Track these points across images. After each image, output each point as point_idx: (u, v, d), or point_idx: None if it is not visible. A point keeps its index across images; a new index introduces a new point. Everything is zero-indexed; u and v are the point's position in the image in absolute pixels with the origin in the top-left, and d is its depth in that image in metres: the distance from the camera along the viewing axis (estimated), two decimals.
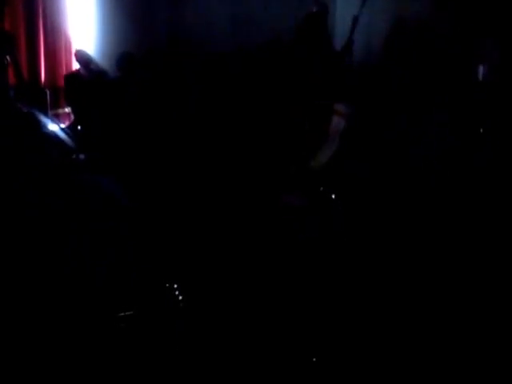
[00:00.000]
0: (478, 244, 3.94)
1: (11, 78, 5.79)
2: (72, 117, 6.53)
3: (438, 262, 3.76)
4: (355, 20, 7.74)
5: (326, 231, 4.14)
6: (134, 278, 3.45)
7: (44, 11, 6.88)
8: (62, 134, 5.49)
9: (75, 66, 6.73)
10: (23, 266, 3.48)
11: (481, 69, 7.54)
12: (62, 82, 6.71)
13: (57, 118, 6.37)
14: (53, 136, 5.44)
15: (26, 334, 3.00)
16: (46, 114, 5.95)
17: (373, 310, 3.30)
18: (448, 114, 5.73)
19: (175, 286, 3.34)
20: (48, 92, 6.59)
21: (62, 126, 6.12)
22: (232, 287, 3.47)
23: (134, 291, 3.34)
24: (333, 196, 4.71)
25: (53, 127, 5.58)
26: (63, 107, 6.72)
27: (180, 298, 3.28)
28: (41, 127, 5.44)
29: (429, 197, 4.59)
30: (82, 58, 6.35)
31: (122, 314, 3.09)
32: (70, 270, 3.43)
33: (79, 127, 6.20)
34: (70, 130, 5.78)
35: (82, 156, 5.49)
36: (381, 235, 4.07)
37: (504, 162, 4.80)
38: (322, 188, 4.82)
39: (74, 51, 6.75)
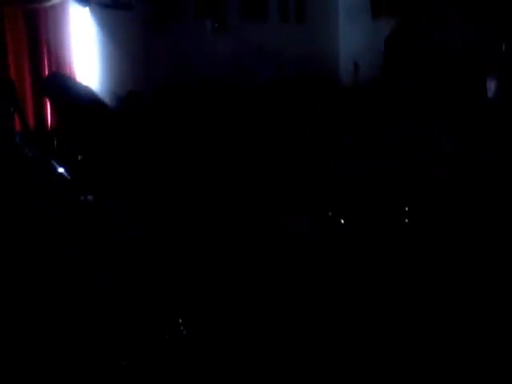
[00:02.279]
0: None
1: (17, 125, 5.86)
2: (79, 158, 6.55)
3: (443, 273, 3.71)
4: (356, 66, 7.96)
5: (333, 254, 4.12)
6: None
7: (49, 55, 6.99)
8: (69, 176, 5.50)
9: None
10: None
11: (491, 85, 7.48)
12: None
13: (64, 161, 6.39)
14: (61, 179, 5.46)
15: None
16: (53, 157, 5.97)
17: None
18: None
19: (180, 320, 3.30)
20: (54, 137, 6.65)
21: (69, 167, 6.13)
22: (234, 302, 3.47)
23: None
24: (342, 221, 4.70)
25: (60, 170, 5.60)
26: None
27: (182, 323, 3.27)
28: (48, 171, 5.47)
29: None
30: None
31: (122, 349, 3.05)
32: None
33: (86, 168, 6.21)
34: (77, 172, 5.79)
35: (90, 197, 5.49)
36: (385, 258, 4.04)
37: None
38: (330, 213, 4.82)
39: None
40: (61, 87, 5.09)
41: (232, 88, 7.73)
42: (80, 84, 6.49)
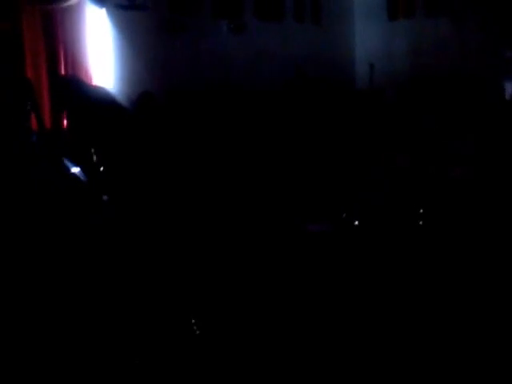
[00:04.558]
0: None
1: (33, 124, 5.88)
2: (94, 158, 6.56)
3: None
4: (372, 67, 7.92)
5: (349, 256, 4.12)
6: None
7: (65, 55, 7.02)
8: (84, 177, 5.52)
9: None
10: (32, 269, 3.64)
11: (508, 87, 7.40)
12: None
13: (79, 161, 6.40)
14: (76, 178, 5.47)
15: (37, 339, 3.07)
16: (67, 157, 5.98)
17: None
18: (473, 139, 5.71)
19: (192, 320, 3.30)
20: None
21: (85, 168, 6.13)
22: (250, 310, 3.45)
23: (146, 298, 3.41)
24: (356, 222, 4.67)
25: (75, 170, 5.61)
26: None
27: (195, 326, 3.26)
28: (64, 170, 5.48)
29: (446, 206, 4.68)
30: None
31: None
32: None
33: (102, 168, 6.21)
34: (92, 172, 5.80)
35: (105, 197, 5.49)
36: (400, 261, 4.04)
37: None
38: (344, 215, 4.81)
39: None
40: (75, 90, 5.09)
41: (247, 89, 7.71)
42: (94, 86, 6.51)
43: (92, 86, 6.73)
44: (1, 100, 5.51)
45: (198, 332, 3.23)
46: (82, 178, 5.58)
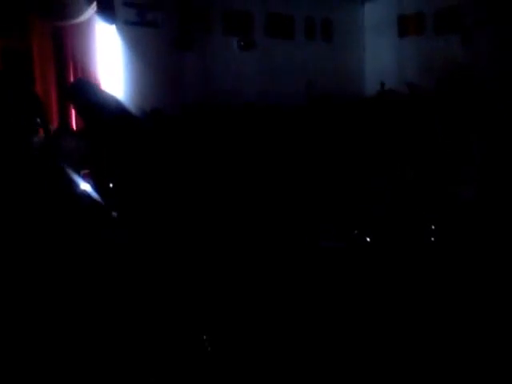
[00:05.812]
0: None
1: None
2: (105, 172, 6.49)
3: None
4: (382, 85, 7.92)
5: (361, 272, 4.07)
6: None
7: (75, 71, 6.99)
8: (93, 193, 5.44)
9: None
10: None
11: None
12: None
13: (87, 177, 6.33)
14: (85, 195, 5.40)
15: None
16: (76, 173, 5.91)
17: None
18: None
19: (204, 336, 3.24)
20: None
21: (94, 184, 6.06)
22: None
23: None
24: (368, 239, 4.70)
25: (84, 186, 5.54)
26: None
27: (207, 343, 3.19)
28: (72, 186, 5.41)
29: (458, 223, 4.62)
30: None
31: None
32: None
33: (111, 184, 6.13)
34: (101, 188, 5.72)
35: (114, 213, 5.41)
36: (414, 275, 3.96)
37: None
38: (356, 231, 4.82)
39: None
40: (87, 91, 5.04)
41: (258, 104, 7.68)
42: (106, 91, 6.45)
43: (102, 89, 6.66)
44: (10, 116, 5.47)
45: (209, 349, 3.15)
46: (92, 194, 5.50)
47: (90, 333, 3.23)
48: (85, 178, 6.06)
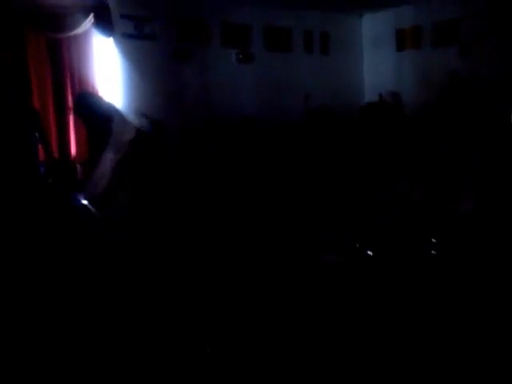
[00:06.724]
0: None
1: (40, 155, 5.69)
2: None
3: None
4: (381, 97, 7.88)
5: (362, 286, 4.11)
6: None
7: (72, 85, 6.87)
8: (93, 210, 5.33)
9: None
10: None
11: None
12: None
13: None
14: (85, 212, 5.29)
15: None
16: (76, 189, 5.81)
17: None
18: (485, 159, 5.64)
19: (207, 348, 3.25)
20: (78, 166, 6.48)
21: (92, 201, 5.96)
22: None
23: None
24: (369, 252, 4.72)
25: (85, 202, 5.43)
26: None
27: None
28: (72, 203, 5.32)
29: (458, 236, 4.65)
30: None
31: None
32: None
33: (110, 201, 6.00)
34: (100, 205, 5.61)
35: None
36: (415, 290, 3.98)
37: None
38: (357, 245, 4.83)
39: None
40: (92, 105, 4.97)
41: (256, 118, 7.63)
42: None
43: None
44: (8, 131, 5.34)
45: (211, 359, 3.16)
46: (91, 209, 5.39)
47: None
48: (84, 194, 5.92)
